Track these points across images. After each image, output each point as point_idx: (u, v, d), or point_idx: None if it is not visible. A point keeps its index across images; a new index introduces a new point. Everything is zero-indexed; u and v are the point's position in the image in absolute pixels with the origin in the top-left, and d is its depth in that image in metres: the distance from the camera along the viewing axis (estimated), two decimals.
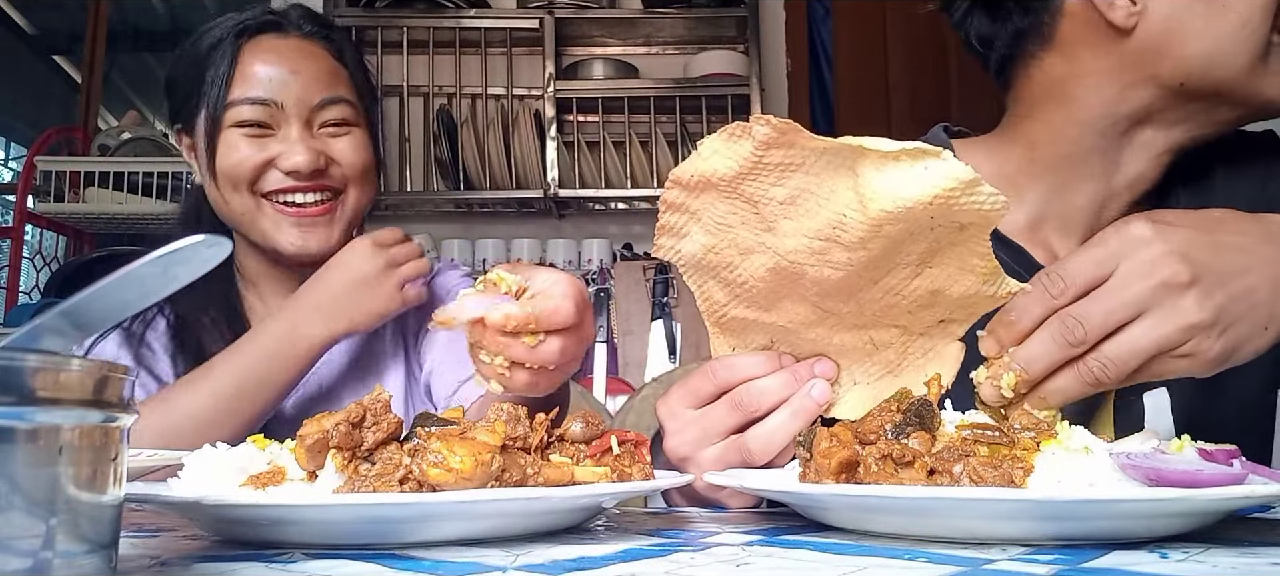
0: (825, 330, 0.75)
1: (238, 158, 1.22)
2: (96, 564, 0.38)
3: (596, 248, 3.35)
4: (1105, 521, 0.55)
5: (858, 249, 0.66)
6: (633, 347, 3.14)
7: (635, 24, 3.50)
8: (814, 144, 0.62)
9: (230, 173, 1.23)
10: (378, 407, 0.62)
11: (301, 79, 1.24)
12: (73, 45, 4.51)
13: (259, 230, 1.25)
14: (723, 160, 0.65)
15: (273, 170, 1.23)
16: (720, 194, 0.67)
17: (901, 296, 0.71)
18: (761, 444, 0.73)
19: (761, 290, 0.73)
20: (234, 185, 1.23)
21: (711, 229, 0.70)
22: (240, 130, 1.22)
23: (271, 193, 1.23)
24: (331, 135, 1.26)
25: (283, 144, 1.23)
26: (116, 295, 0.41)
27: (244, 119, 1.22)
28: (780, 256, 0.69)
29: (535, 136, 3.29)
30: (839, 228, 0.65)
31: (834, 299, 0.72)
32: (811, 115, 3.66)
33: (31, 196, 3.16)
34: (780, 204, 0.66)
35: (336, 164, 1.26)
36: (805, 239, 0.67)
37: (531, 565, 0.50)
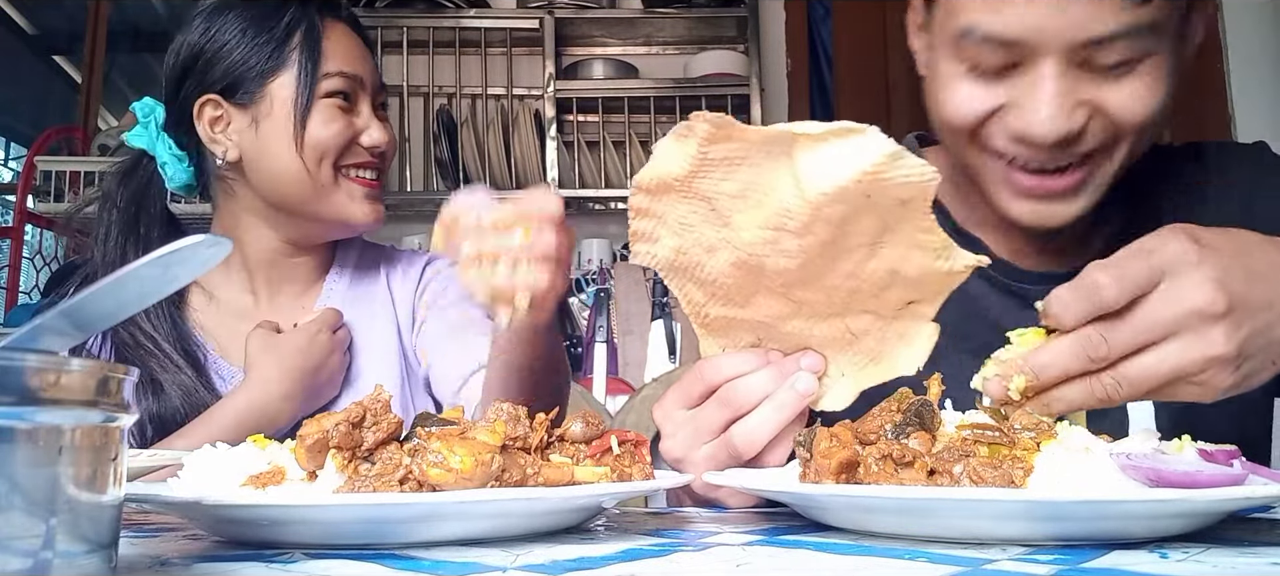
0: (803, 322, 0.75)
1: (335, 128, 1.24)
2: (96, 564, 0.38)
3: (596, 248, 3.35)
4: (1105, 521, 0.55)
5: (805, 234, 0.67)
6: (633, 347, 3.14)
7: (635, 24, 3.51)
8: (752, 135, 0.64)
9: (325, 143, 1.23)
10: (378, 407, 0.62)
11: (368, 62, 1.31)
12: (73, 45, 4.51)
13: (332, 203, 1.26)
14: (674, 160, 0.68)
15: (356, 146, 1.26)
16: (678, 195, 0.69)
17: (861, 279, 0.71)
18: (745, 439, 0.73)
19: (731, 286, 0.74)
20: (321, 156, 1.24)
21: (676, 230, 0.72)
22: (331, 100, 1.24)
23: (348, 165, 1.26)
24: (380, 118, 1.32)
25: (362, 120, 1.27)
26: (116, 295, 0.42)
27: (335, 89, 1.25)
28: (740, 250, 0.71)
29: (535, 136, 3.30)
30: (785, 215, 0.67)
31: (800, 288, 0.73)
32: (811, 115, 3.66)
33: (31, 196, 3.16)
34: (732, 198, 0.68)
35: (394, 144, 1.34)
36: (758, 230, 0.69)
37: (531, 565, 0.50)
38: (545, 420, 0.67)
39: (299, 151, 1.24)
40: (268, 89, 1.24)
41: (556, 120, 3.30)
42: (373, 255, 1.43)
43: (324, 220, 1.28)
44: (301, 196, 1.26)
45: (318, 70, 1.24)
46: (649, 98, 3.35)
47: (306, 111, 1.23)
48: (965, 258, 0.68)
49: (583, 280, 3.28)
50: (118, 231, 1.30)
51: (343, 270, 1.40)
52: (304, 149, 1.24)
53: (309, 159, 1.24)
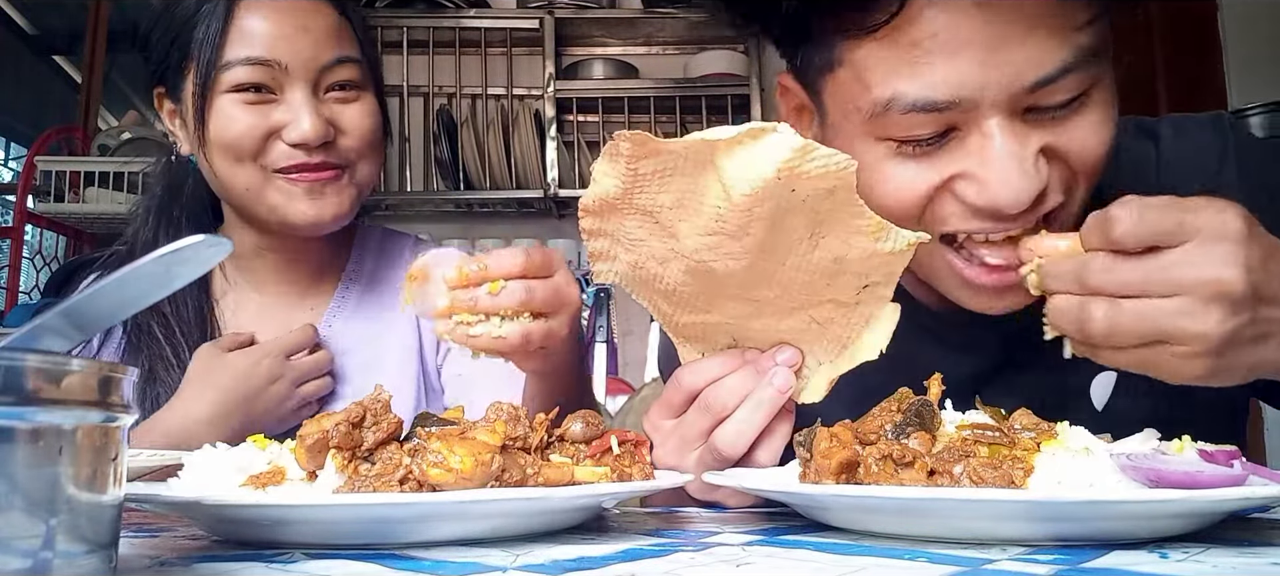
0: (769, 320, 0.76)
1: (237, 129, 1.08)
2: (96, 564, 0.38)
3: None
4: (1105, 522, 0.55)
5: (742, 236, 0.68)
6: (633, 347, 3.14)
7: (635, 24, 3.50)
8: (674, 147, 0.65)
9: (229, 145, 1.08)
10: (378, 407, 0.62)
11: (309, 36, 1.10)
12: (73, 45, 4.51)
13: (266, 204, 1.11)
14: (610, 180, 0.68)
15: (277, 142, 1.09)
16: (622, 213, 0.70)
17: (810, 271, 0.71)
18: (728, 441, 0.73)
19: (691, 293, 0.75)
20: (235, 158, 1.09)
21: (628, 246, 0.73)
22: (237, 95, 1.08)
23: (279, 169, 1.10)
24: (339, 100, 1.13)
25: (287, 111, 1.09)
26: (116, 295, 0.42)
27: (241, 82, 1.07)
28: (688, 258, 0.71)
29: (535, 136, 3.29)
30: (719, 219, 0.67)
31: (754, 288, 0.73)
32: None
33: (31, 196, 3.16)
34: (671, 209, 0.69)
35: (345, 134, 1.12)
36: (699, 237, 0.69)
37: (531, 565, 0.50)
38: (545, 420, 0.67)
39: (201, 153, 1.11)
40: (185, 83, 1.11)
41: (556, 120, 3.29)
42: (396, 249, 1.30)
43: (264, 220, 1.14)
44: (235, 199, 1.14)
45: (215, 60, 1.07)
46: (649, 98, 3.35)
47: (202, 109, 1.08)
48: (905, 236, 0.68)
49: (583, 280, 3.28)
50: (152, 217, 1.22)
51: (360, 268, 1.28)
52: (207, 151, 1.10)
53: (217, 162, 1.10)
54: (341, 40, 1.13)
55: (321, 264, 1.26)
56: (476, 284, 0.78)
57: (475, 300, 0.77)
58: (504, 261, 0.79)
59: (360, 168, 1.15)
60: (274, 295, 1.24)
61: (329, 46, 1.11)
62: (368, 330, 1.24)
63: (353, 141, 1.13)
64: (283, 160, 1.09)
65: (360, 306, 1.26)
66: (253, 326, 1.20)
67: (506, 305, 0.78)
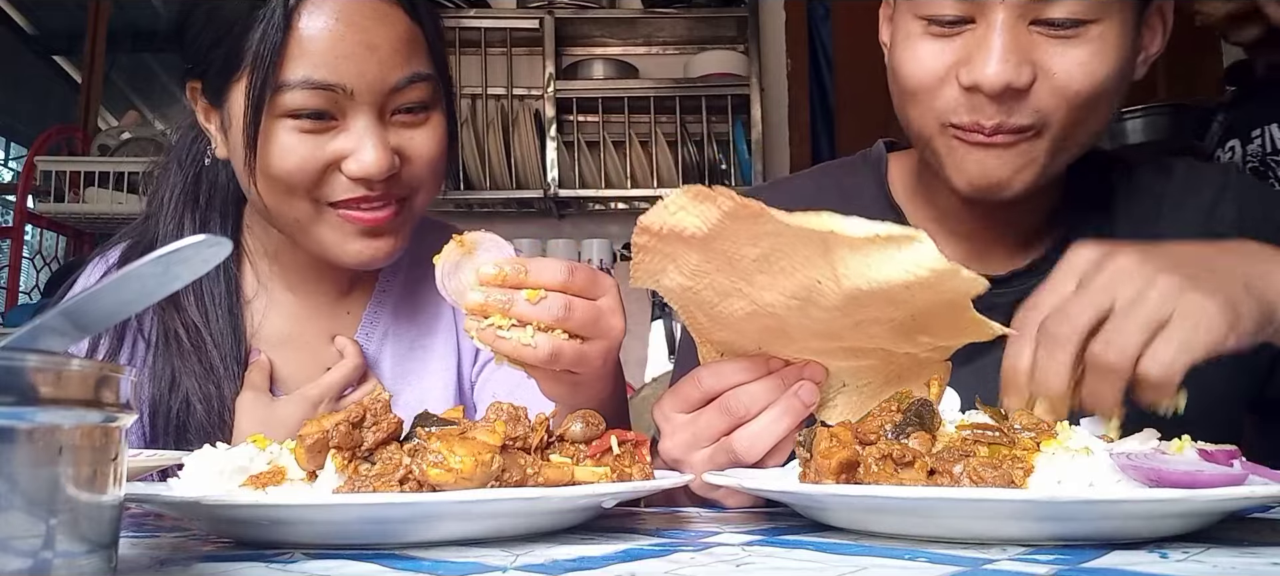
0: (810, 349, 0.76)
1: (293, 162, 0.94)
2: (96, 564, 0.38)
3: (596, 248, 3.35)
4: (1105, 521, 0.55)
5: (834, 310, 0.67)
6: (633, 347, 3.14)
7: (635, 24, 3.50)
8: (782, 223, 0.61)
9: (283, 178, 0.95)
10: (378, 407, 0.62)
11: (376, 55, 0.94)
12: (73, 45, 4.50)
13: (315, 239, 1.00)
14: (690, 218, 0.65)
15: (336, 174, 0.96)
16: (690, 246, 0.67)
17: (888, 336, 0.71)
18: (747, 445, 0.74)
19: (743, 327, 0.74)
20: (286, 190, 0.97)
21: (687, 274, 0.70)
22: (294, 122, 0.94)
23: (335, 202, 0.98)
24: (406, 124, 0.99)
25: (349, 139, 0.95)
26: (116, 295, 0.41)
27: (300, 108, 0.93)
28: (758, 306, 0.70)
29: (535, 136, 3.29)
30: (814, 291, 0.66)
31: (817, 339, 0.73)
32: (811, 115, 3.66)
33: (31, 196, 3.16)
34: (754, 260, 0.66)
35: (409, 163, 0.99)
36: (781, 296, 0.68)
37: (531, 565, 0.50)
38: (545, 420, 0.67)
39: (251, 184, 0.98)
40: (231, 93, 0.97)
41: (556, 120, 3.29)
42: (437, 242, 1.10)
43: (309, 250, 1.03)
44: (279, 228, 1.03)
45: (268, 81, 0.92)
46: (649, 98, 3.35)
47: (254, 136, 0.94)
48: (995, 329, 0.67)
49: None
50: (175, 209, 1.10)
51: (397, 265, 1.15)
52: (257, 182, 0.97)
53: (266, 194, 0.98)
54: (413, 55, 0.98)
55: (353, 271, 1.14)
56: (515, 287, 0.75)
57: (511, 303, 0.74)
58: (546, 271, 0.75)
59: (420, 196, 1.03)
60: (306, 296, 1.13)
61: (398, 65, 0.96)
62: (407, 335, 1.15)
63: (418, 170, 1.00)
64: (341, 194, 0.97)
65: (399, 309, 1.16)
66: (286, 330, 1.11)
67: (542, 317, 0.74)
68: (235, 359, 1.06)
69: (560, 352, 0.75)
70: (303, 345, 1.11)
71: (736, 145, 3.35)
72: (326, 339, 1.11)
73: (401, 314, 1.15)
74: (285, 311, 1.12)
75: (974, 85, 0.83)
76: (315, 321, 1.13)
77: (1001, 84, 0.82)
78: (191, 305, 1.05)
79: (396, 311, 1.15)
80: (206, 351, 1.04)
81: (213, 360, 1.04)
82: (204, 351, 1.04)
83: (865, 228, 0.59)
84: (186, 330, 1.05)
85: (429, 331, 1.15)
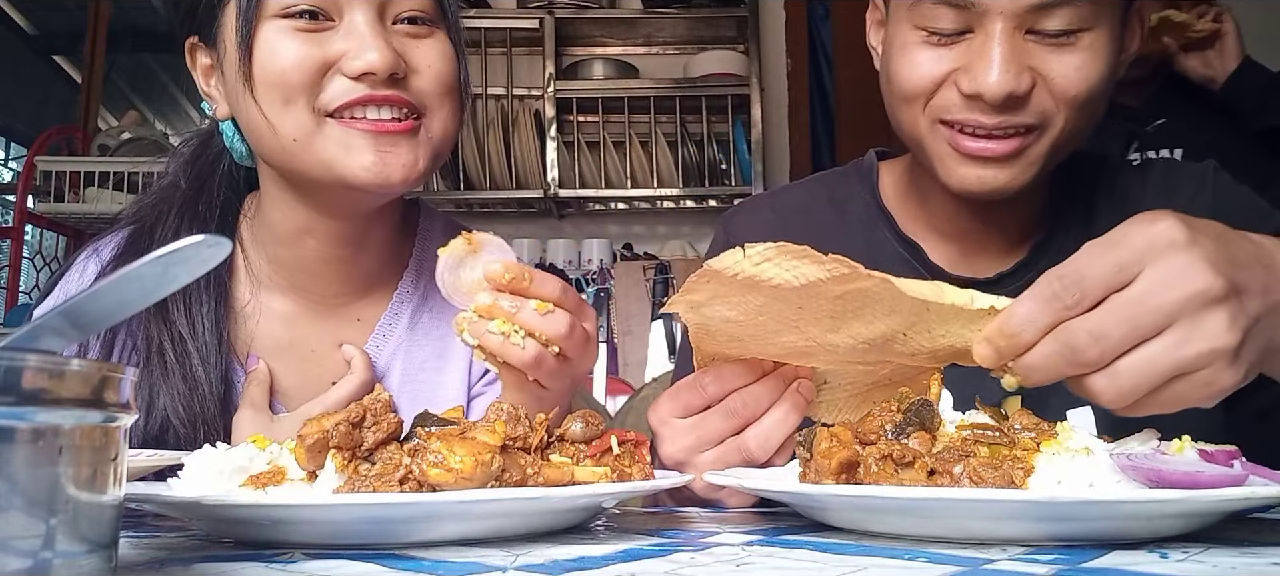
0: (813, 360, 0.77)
1: (288, 60, 0.89)
2: (96, 564, 0.38)
3: (596, 248, 3.35)
4: (1105, 522, 0.55)
5: (902, 353, 0.68)
6: (633, 347, 3.14)
7: (635, 24, 3.50)
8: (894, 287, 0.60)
9: (277, 80, 0.89)
10: (378, 407, 0.62)
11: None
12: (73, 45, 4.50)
13: (320, 159, 0.91)
14: (777, 271, 0.62)
15: (335, 76, 0.90)
16: (762, 292, 0.65)
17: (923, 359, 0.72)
18: (760, 444, 0.75)
19: (772, 353, 0.74)
20: (284, 98, 0.89)
21: (743, 311, 0.68)
22: (287, 22, 0.89)
23: (336, 110, 0.90)
24: (410, 34, 0.93)
25: (347, 37, 0.90)
26: (116, 295, 0.41)
27: (291, 5, 0.89)
28: (813, 341, 0.70)
29: (535, 136, 3.29)
30: (895, 341, 0.67)
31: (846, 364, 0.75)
32: (811, 115, 3.66)
33: (31, 196, 3.16)
34: (830, 308, 0.66)
35: (417, 73, 0.92)
36: (852, 340, 0.68)
37: (531, 565, 0.50)
38: (545, 420, 0.67)
39: (249, 94, 0.91)
40: (223, 20, 0.93)
41: (556, 120, 3.29)
42: None
43: (317, 179, 0.93)
44: (282, 157, 0.93)
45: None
46: (649, 98, 3.35)
47: (249, 37, 0.90)
48: None
49: (583, 280, 3.28)
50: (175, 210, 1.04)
51: (420, 269, 1.08)
52: (254, 90, 0.90)
53: (265, 102, 0.90)
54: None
55: (381, 259, 1.06)
56: (521, 294, 0.75)
57: (519, 311, 0.75)
58: (547, 286, 0.76)
59: (436, 119, 0.94)
60: (312, 297, 1.04)
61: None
62: (419, 354, 1.07)
63: (427, 82, 0.93)
64: (342, 96, 0.89)
65: (416, 321, 1.07)
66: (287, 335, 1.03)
67: (546, 330, 0.75)
68: (219, 373, 0.98)
69: (542, 361, 0.76)
70: (306, 353, 1.04)
71: (736, 145, 3.35)
72: (333, 346, 1.04)
73: (418, 328, 1.07)
74: (286, 315, 1.04)
75: (976, 94, 0.86)
76: (321, 326, 1.04)
77: (1004, 93, 0.85)
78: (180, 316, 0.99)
79: (413, 324, 1.07)
80: (191, 366, 0.98)
81: (197, 375, 0.97)
82: (188, 366, 0.98)
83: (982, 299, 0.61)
84: (173, 343, 0.98)
85: (442, 354, 1.07)
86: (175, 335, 0.98)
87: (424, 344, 1.07)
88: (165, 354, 0.98)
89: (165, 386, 0.97)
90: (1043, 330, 0.60)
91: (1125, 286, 0.58)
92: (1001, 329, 0.61)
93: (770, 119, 3.44)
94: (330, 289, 1.04)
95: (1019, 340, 0.60)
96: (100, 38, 3.73)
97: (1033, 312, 0.60)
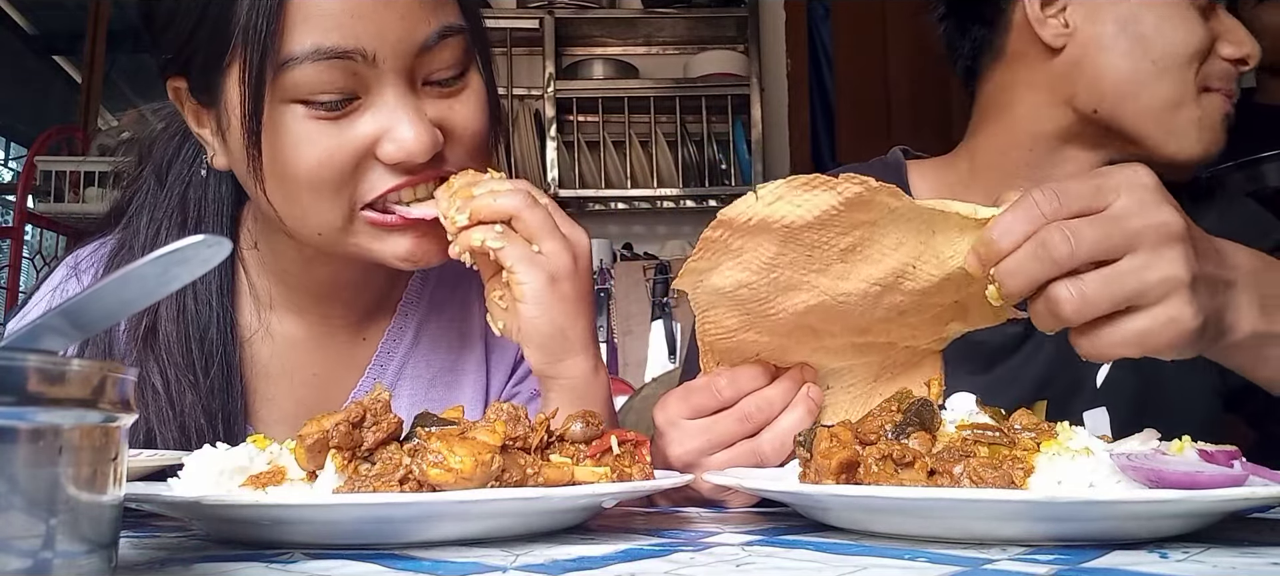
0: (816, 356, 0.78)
1: (315, 157, 0.78)
2: (96, 564, 0.38)
3: (596, 248, 3.34)
4: (1105, 522, 0.55)
5: (916, 294, 0.68)
6: (633, 347, 3.14)
7: (635, 24, 3.51)
8: (893, 203, 0.62)
9: (301, 179, 0.79)
10: (378, 407, 0.62)
11: (397, 9, 0.77)
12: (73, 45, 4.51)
13: (350, 248, 0.84)
14: (790, 207, 0.63)
15: (372, 166, 0.80)
16: (774, 237, 0.65)
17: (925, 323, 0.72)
18: (777, 446, 0.76)
19: (787, 322, 0.74)
20: (311, 196, 0.79)
21: (754, 268, 0.68)
22: (308, 108, 0.77)
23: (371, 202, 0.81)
24: (442, 94, 0.83)
25: (380, 117, 0.79)
26: (116, 295, 0.41)
27: (314, 86, 0.76)
28: (826, 295, 0.70)
29: (535, 136, 3.30)
30: (904, 276, 0.67)
31: (846, 335, 0.75)
32: (811, 115, 3.66)
33: (31, 196, 3.16)
34: (841, 250, 0.66)
35: (452, 139, 0.83)
36: (863, 283, 0.68)
37: (531, 565, 0.50)
38: (545, 420, 0.67)
39: (261, 191, 0.81)
40: (225, 84, 0.79)
41: (556, 120, 3.29)
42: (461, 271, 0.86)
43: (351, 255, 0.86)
44: (304, 240, 0.86)
45: (268, 57, 0.75)
46: (649, 98, 3.35)
47: (257, 130, 0.77)
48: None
49: None
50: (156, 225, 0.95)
51: (422, 291, 1.03)
52: (266, 189, 0.80)
53: (283, 204, 0.81)
54: (439, 4, 0.81)
55: (390, 274, 0.98)
56: None
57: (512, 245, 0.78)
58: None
59: None
60: (319, 320, 0.98)
61: (423, 18, 0.79)
62: (427, 372, 1.01)
63: (462, 149, 0.84)
64: (380, 187, 0.80)
65: (420, 337, 1.02)
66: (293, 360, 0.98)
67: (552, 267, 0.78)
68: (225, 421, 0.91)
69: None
70: (309, 376, 0.99)
71: (736, 145, 3.36)
72: (339, 369, 0.99)
73: (422, 340, 1.02)
74: (292, 339, 0.98)
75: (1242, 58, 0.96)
76: (327, 349, 0.99)
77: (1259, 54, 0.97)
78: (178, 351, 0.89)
79: (417, 338, 1.02)
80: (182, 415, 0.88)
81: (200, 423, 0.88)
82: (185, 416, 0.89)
83: (984, 210, 0.63)
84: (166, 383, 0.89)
85: (453, 369, 1.01)
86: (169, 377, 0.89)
87: (432, 359, 1.02)
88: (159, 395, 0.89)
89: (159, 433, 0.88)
90: (1021, 236, 0.63)
91: (1102, 210, 0.62)
92: (984, 237, 0.64)
93: (770, 119, 3.44)
94: (335, 311, 0.98)
95: (999, 245, 0.63)
96: (100, 38, 3.73)
97: (1014, 220, 0.63)
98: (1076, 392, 0.97)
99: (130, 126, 1.09)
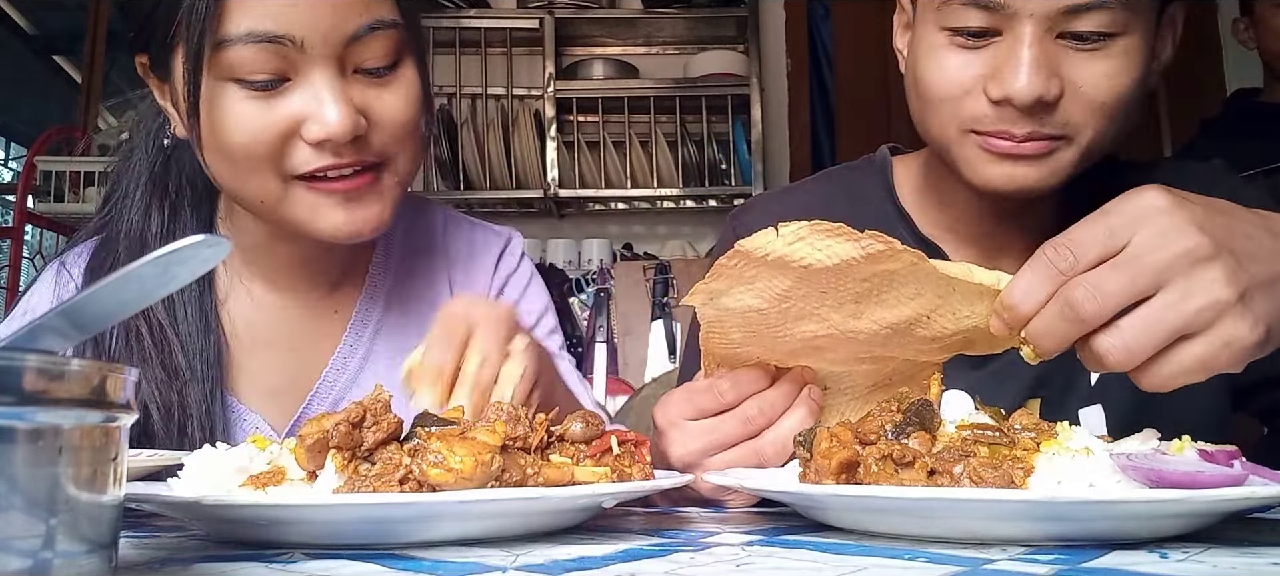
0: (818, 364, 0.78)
1: (245, 132, 0.85)
2: (96, 564, 0.38)
3: (596, 247, 3.35)
4: (1105, 522, 0.55)
5: (926, 338, 0.68)
6: (633, 347, 3.14)
7: (635, 24, 3.51)
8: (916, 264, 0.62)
9: (234, 151, 0.86)
10: (378, 407, 0.62)
11: (332, 1, 0.84)
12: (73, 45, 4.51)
13: (288, 218, 0.90)
14: (810, 250, 0.62)
15: (297, 142, 0.86)
16: (790, 274, 0.64)
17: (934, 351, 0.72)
18: (779, 448, 0.76)
19: (792, 344, 0.74)
20: (245, 167, 0.87)
21: (766, 298, 0.67)
22: (240, 86, 0.85)
23: (302, 175, 0.88)
24: (371, 83, 0.89)
25: (304, 99, 0.85)
26: (116, 295, 0.41)
27: (246, 66, 0.83)
28: (835, 329, 0.70)
29: (535, 136, 3.30)
30: (918, 325, 0.67)
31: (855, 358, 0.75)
32: (811, 115, 3.66)
33: (31, 196, 3.16)
34: (856, 292, 0.66)
35: (378, 127, 0.89)
36: (875, 325, 0.68)
37: (531, 565, 0.50)
38: (545, 420, 0.67)
39: (203, 161, 0.89)
40: (175, 61, 0.87)
41: (556, 120, 3.30)
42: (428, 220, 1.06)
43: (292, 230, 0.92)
44: (246, 208, 0.93)
45: (205, 38, 0.82)
46: (649, 98, 3.35)
47: (196, 102, 0.84)
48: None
49: (583, 280, 3.28)
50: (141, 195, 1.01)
51: (389, 259, 1.08)
52: (207, 158, 0.88)
53: (222, 172, 0.89)
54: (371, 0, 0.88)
55: (353, 249, 1.04)
56: None
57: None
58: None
59: (400, 160, 0.92)
60: (290, 293, 1.04)
61: (356, 11, 0.85)
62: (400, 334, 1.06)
63: (387, 135, 0.90)
64: (306, 164, 0.87)
65: (391, 304, 1.07)
66: (267, 332, 1.03)
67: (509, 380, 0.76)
68: (204, 360, 0.96)
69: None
70: (287, 349, 1.04)
71: (736, 145, 3.36)
72: (313, 340, 1.04)
73: (393, 308, 1.06)
74: (266, 311, 1.03)
75: (1005, 98, 0.84)
76: (300, 321, 1.04)
77: (1032, 98, 0.83)
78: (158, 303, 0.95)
79: (388, 306, 1.07)
80: (171, 354, 0.95)
81: (178, 363, 0.95)
82: (168, 354, 0.95)
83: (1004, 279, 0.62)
84: (150, 329, 0.95)
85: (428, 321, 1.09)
86: (153, 321, 0.96)
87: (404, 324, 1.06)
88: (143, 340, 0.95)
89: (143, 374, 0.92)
90: (1042, 298, 0.61)
91: (1118, 251, 0.60)
92: (1003, 300, 0.63)
93: (770, 119, 3.44)
94: (305, 283, 1.04)
95: (1021, 310, 0.61)
96: (100, 38, 3.73)
97: (1031, 281, 0.61)
98: (1071, 389, 0.96)
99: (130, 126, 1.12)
